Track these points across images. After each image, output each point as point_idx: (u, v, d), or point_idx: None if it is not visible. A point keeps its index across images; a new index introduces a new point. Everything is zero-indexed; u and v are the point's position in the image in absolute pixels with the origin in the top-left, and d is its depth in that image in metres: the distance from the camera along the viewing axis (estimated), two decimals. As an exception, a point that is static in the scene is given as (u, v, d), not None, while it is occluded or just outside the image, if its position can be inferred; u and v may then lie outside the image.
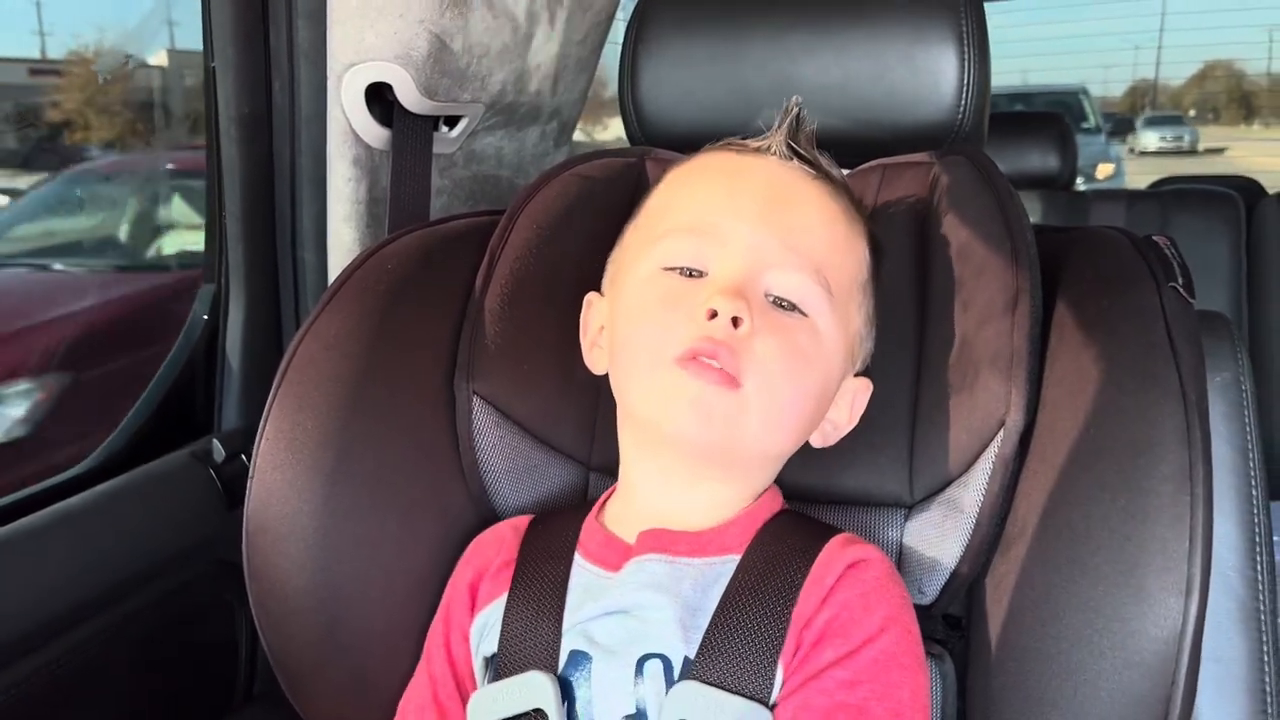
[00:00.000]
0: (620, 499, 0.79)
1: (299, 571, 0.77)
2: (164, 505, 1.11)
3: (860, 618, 0.66)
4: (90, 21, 2.47)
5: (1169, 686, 0.62)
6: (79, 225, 2.66)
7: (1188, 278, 0.75)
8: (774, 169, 0.77)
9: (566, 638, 0.71)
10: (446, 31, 1.07)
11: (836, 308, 0.74)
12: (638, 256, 0.77)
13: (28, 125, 2.52)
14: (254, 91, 1.17)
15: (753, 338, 0.69)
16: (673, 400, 0.69)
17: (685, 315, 0.70)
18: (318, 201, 1.18)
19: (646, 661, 0.68)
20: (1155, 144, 23.77)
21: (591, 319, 0.83)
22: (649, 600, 0.70)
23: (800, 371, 0.72)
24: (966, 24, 0.91)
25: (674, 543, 0.73)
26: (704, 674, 0.66)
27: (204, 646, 1.15)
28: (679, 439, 0.71)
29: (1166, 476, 0.64)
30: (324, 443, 0.78)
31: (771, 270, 0.72)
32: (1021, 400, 0.73)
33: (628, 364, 0.75)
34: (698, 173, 0.80)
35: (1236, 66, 35.09)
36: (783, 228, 0.73)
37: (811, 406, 0.74)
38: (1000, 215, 0.81)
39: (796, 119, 0.79)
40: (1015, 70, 29.59)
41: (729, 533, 0.73)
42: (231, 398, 1.24)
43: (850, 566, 0.69)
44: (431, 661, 0.78)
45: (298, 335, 0.82)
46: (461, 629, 0.77)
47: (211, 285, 1.26)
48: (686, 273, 0.73)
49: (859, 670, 0.65)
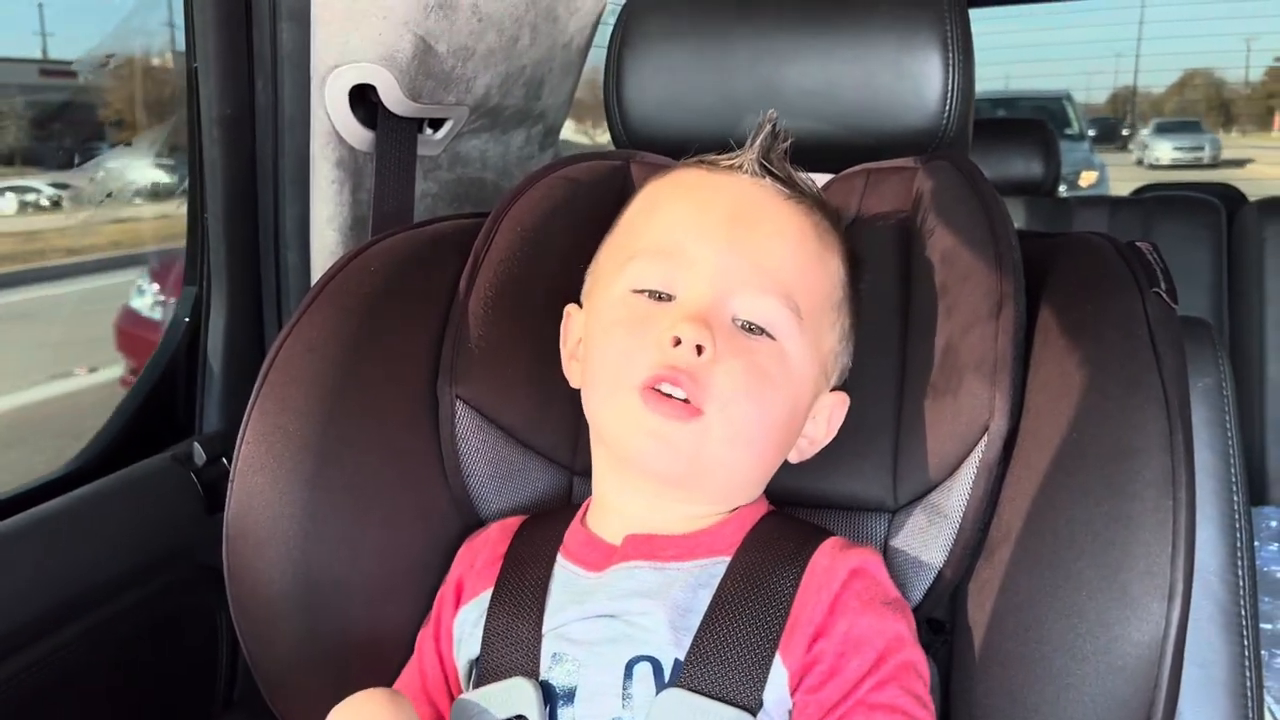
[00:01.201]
0: (599, 506, 0.79)
1: (279, 575, 0.76)
2: (143, 509, 1.10)
3: (878, 625, 0.68)
4: (89, 22, 2.45)
5: (1151, 690, 0.63)
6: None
7: (1170, 283, 0.75)
8: (744, 187, 0.77)
9: (549, 640, 0.71)
10: (431, 33, 1.07)
11: (806, 329, 0.74)
12: (610, 275, 0.77)
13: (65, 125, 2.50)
14: (236, 92, 1.17)
15: (716, 364, 0.69)
16: (636, 431, 0.70)
17: (650, 341, 0.70)
18: (301, 203, 1.18)
19: (636, 664, 0.68)
20: (1170, 156, 19.98)
21: (570, 331, 0.83)
22: (638, 606, 0.70)
23: (765, 396, 0.72)
24: (951, 30, 0.91)
25: (662, 548, 0.73)
26: (692, 680, 0.66)
27: (183, 652, 1.14)
28: (643, 468, 0.72)
29: (1149, 481, 0.64)
30: (305, 446, 0.77)
31: (738, 294, 0.72)
32: (1005, 406, 0.73)
33: (594, 386, 0.76)
34: (668, 191, 0.80)
35: (1216, 75, 35.51)
36: (750, 250, 0.73)
37: (780, 430, 0.75)
38: (985, 220, 0.81)
39: (772, 134, 0.78)
40: (998, 76, 29.69)
41: (719, 535, 0.73)
42: (213, 400, 1.23)
43: (853, 574, 0.70)
44: (422, 658, 0.78)
45: (280, 337, 0.81)
46: (447, 627, 0.77)
47: (193, 287, 1.25)
48: (655, 295, 0.73)
49: (884, 676, 0.67)
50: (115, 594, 1.04)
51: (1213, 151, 20.12)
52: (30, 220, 3.28)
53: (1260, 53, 36.89)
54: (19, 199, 3.18)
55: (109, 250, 2.76)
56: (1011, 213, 0.83)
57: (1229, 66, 39.30)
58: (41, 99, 2.73)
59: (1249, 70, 36.14)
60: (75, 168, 2.21)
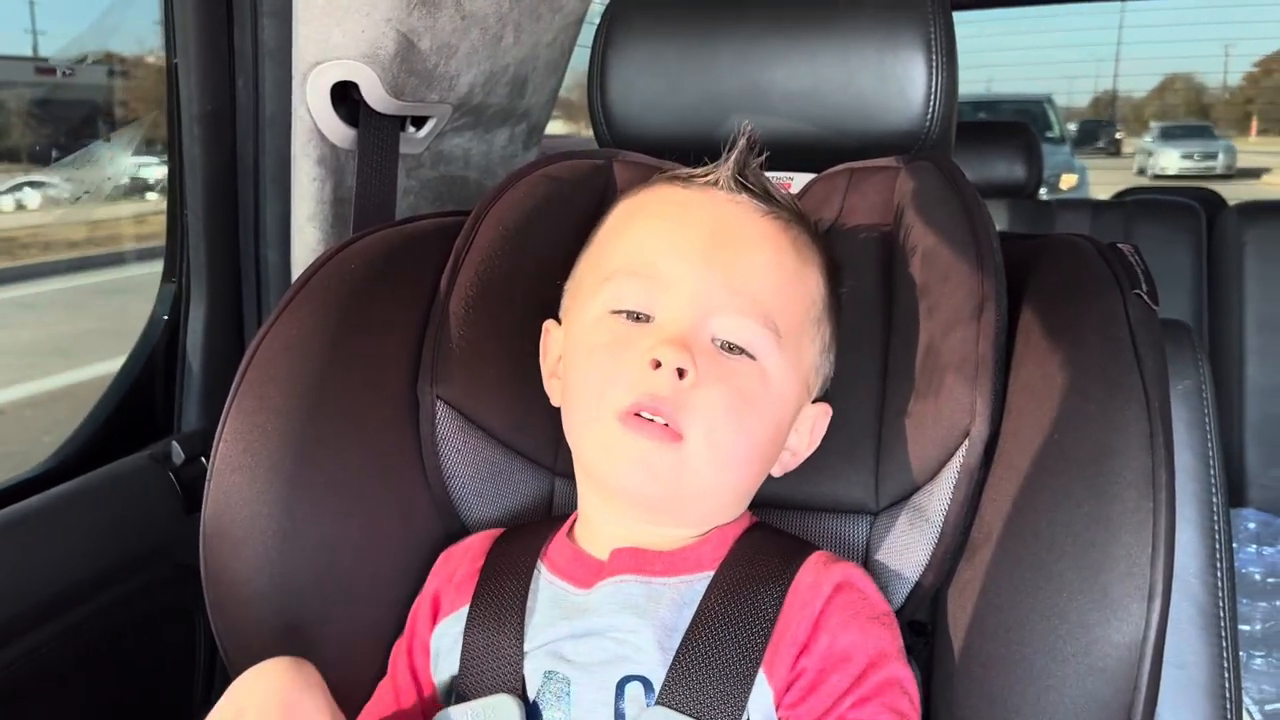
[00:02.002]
0: (585, 523, 0.78)
1: (257, 576, 0.75)
2: (121, 509, 1.09)
3: (861, 642, 0.67)
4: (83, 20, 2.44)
5: (1131, 691, 0.63)
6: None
7: (1152, 285, 0.75)
8: (720, 205, 0.76)
9: (538, 657, 0.70)
10: (414, 31, 1.06)
11: (786, 347, 0.74)
12: (587, 295, 0.77)
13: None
14: (217, 89, 1.16)
15: (697, 388, 0.69)
16: (617, 457, 0.70)
17: (629, 364, 0.70)
18: (281, 201, 1.17)
19: (627, 684, 0.67)
20: (1178, 165, 17.35)
21: (550, 348, 0.82)
22: (627, 624, 0.69)
23: (747, 418, 0.71)
24: (935, 32, 0.91)
25: (650, 562, 0.72)
26: (672, 699, 0.65)
27: (160, 653, 1.13)
28: (624, 494, 0.72)
29: (1130, 482, 0.64)
30: (283, 445, 0.76)
31: (717, 315, 0.72)
32: (986, 408, 0.73)
33: (574, 409, 0.75)
34: (644, 209, 0.80)
35: (1197, 80, 35.85)
36: (728, 270, 0.73)
37: (762, 449, 0.74)
38: (966, 221, 0.81)
39: (748, 147, 0.78)
40: (981, 80, 29.75)
41: (703, 549, 0.73)
42: (192, 399, 1.22)
43: (838, 589, 0.69)
44: (396, 676, 0.76)
45: (258, 335, 0.81)
46: (423, 641, 0.76)
47: (173, 284, 1.24)
48: (633, 316, 0.73)
49: (867, 691, 0.66)
50: (92, 594, 1.03)
51: (1227, 160, 17.48)
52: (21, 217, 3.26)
53: (1239, 58, 37.31)
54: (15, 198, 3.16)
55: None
56: (993, 215, 0.83)
57: (1208, 71, 39.67)
58: (42, 96, 2.71)
59: (1227, 75, 36.55)
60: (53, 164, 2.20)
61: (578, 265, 0.82)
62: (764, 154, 0.78)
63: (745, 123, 0.79)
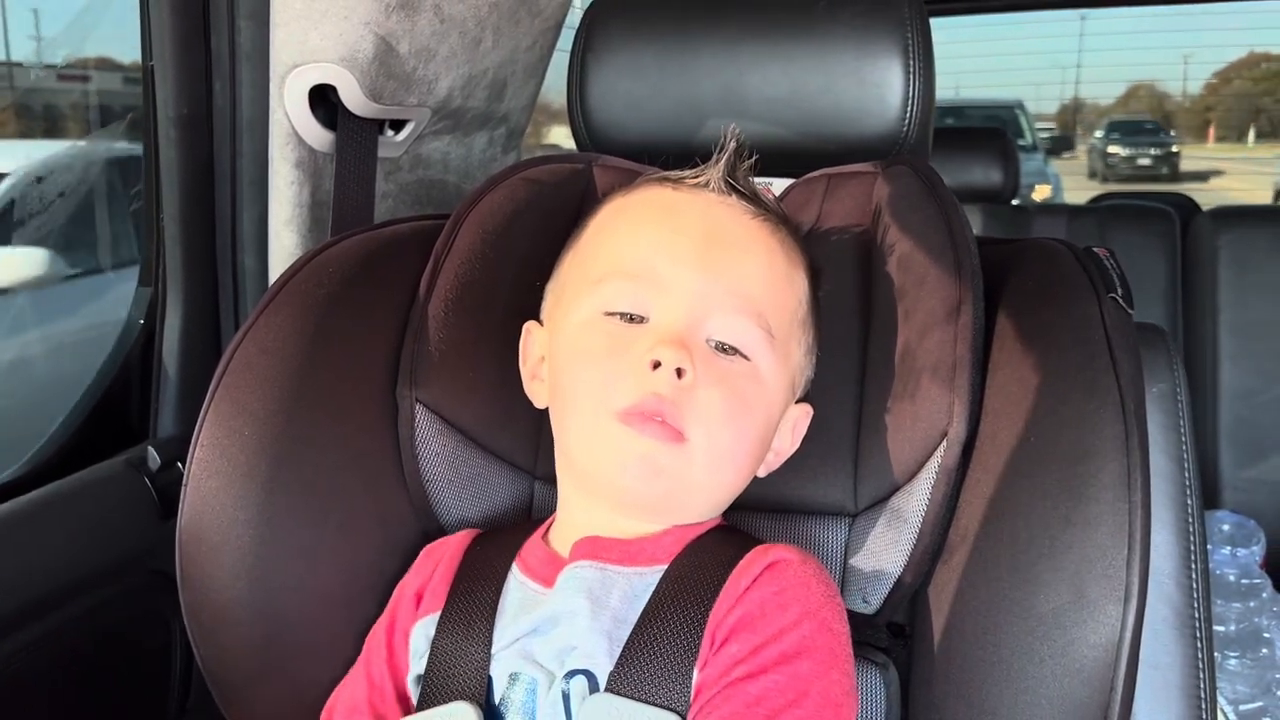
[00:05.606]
0: (561, 525, 0.78)
1: (234, 581, 0.75)
2: (96, 515, 1.08)
3: (772, 613, 0.65)
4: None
5: (1107, 693, 0.63)
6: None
7: (1127, 289, 0.76)
8: (711, 207, 0.77)
9: (504, 658, 0.70)
10: (392, 34, 1.06)
11: (777, 347, 0.74)
12: (577, 296, 0.76)
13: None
14: (194, 92, 1.15)
15: (696, 388, 0.69)
16: (619, 456, 0.70)
17: (628, 366, 0.70)
18: (259, 204, 1.16)
19: (572, 678, 0.67)
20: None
21: (531, 349, 0.82)
22: (578, 607, 0.69)
23: (743, 418, 0.72)
24: (912, 38, 0.92)
25: (606, 550, 0.72)
26: (619, 686, 0.65)
27: (136, 660, 1.12)
28: (624, 494, 0.71)
29: (1106, 484, 0.65)
30: (260, 449, 0.76)
31: (713, 316, 0.72)
32: (964, 410, 0.74)
33: (569, 411, 0.74)
34: (634, 211, 0.80)
35: (1160, 88, 36.27)
36: (723, 271, 0.73)
37: (756, 449, 0.75)
38: (943, 225, 0.82)
39: (736, 150, 0.78)
40: (949, 85, 29.91)
41: (660, 543, 0.73)
42: (168, 404, 1.21)
43: (768, 567, 0.68)
44: (371, 664, 0.76)
45: (235, 339, 0.80)
46: (404, 631, 0.76)
47: (148, 288, 1.23)
48: (627, 318, 0.73)
49: (763, 662, 0.63)
50: (66, 601, 1.02)
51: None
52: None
53: (1198, 66, 37.77)
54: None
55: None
56: (970, 219, 0.84)
57: (1169, 79, 40.10)
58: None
59: (1186, 84, 36.97)
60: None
61: (560, 267, 0.82)
62: (753, 157, 0.79)
63: (732, 126, 0.80)
